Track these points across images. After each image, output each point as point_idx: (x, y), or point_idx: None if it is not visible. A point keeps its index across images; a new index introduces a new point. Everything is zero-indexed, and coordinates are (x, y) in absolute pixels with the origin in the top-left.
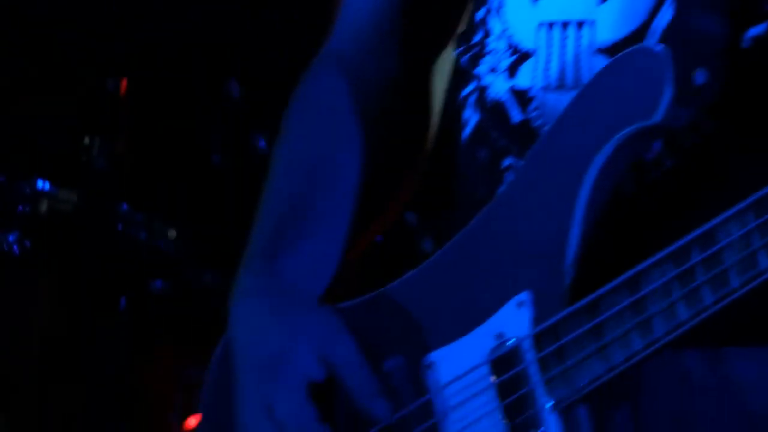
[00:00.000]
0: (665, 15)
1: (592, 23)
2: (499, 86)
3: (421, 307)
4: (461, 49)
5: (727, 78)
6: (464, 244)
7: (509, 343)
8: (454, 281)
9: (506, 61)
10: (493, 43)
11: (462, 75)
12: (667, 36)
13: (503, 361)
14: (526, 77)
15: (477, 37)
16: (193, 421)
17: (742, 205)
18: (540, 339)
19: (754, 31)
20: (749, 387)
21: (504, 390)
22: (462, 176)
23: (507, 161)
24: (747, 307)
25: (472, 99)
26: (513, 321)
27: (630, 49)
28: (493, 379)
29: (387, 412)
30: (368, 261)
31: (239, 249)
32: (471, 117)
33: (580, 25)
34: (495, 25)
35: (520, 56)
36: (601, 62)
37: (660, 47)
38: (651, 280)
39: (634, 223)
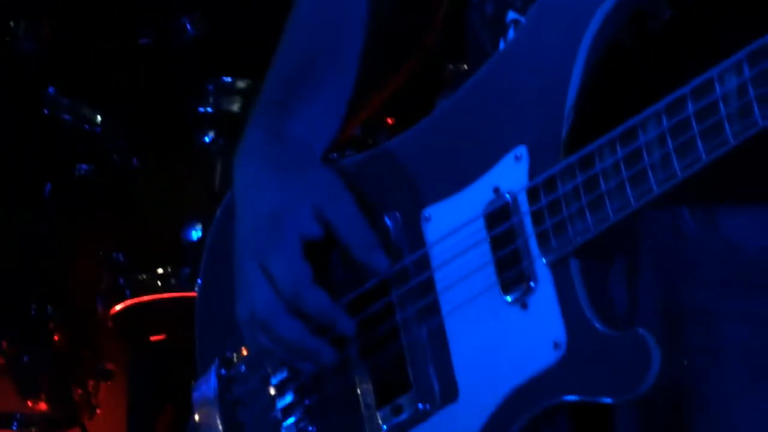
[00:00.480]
0: None
1: None
2: None
3: (419, 162)
4: None
5: None
6: (464, 100)
7: (505, 196)
8: (452, 136)
9: None
10: None
11: None
12: None
13: (497, 215)
14: None
15: None
16: (119, 306)
17: (738, 56)
18: (534, 192)
19: None
20: (741, 242)
21: (497, 243)
22: (472, 32)
23: (510, 15)
24: (739, 164)
25: None
26: (510, 175)
27: None
28: (487, 232)
29: (385, 263)
30: None
31: (165, 132)
32: None
33: None
34: None
35: None
36: None
37: None
38: (647, 132)
39: (631, 76)
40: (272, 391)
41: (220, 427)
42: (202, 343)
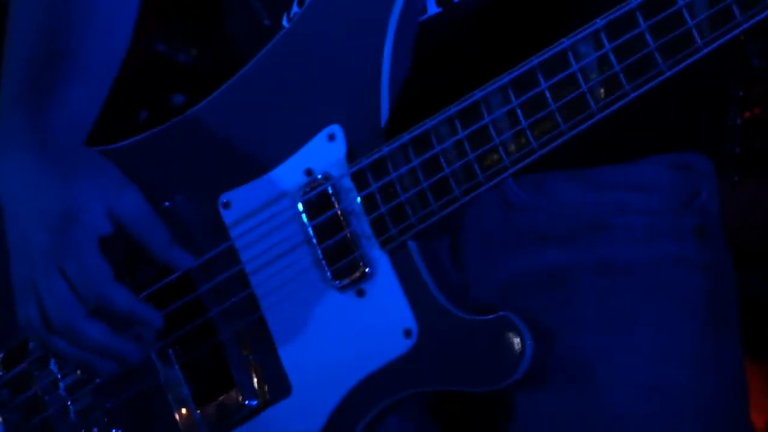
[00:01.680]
0: None
1: None
2: None
3: (213, 141)
4: None
5: None
6: (258, 75)
7: (322, 179)
8: (250, 112)
9: None
10: None
11: None
12: None
13: (318, 201)
14: None
15: None
16: None
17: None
18: (361, 176)
19: None
20: (567, 200)
21: (321, 232)
22: (242, 3)
23: None
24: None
25: None
26: (323, 155)
27: None
28: (307, 221)
29: (187, 260)
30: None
31: None
32: None
33: None
34: None
35: None
36: None
37: None
38: (492, 108)
39: (454, 48)
40: (63, 393)
41: None
42: None
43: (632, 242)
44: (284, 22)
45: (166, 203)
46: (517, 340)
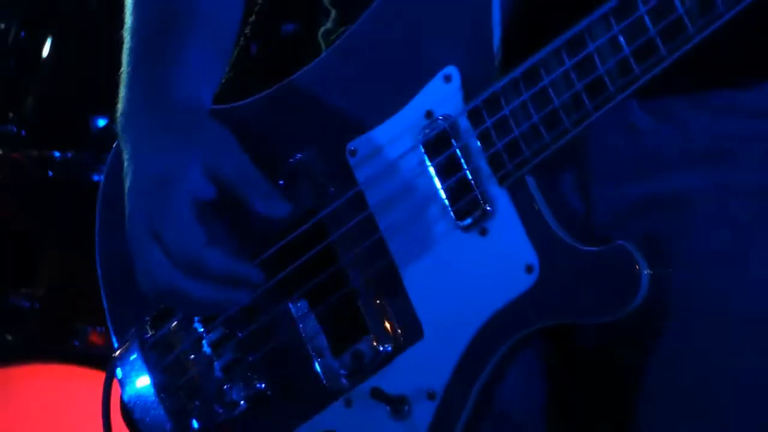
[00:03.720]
0: None
1: None
2: None
3: (333, 94)
4: None
5: None
6: (372, 24)
7: (441, 120)
8: (366, 63)
9: None
10: None
11: None
12: None
13: (437, 141)
14: None
15: None
16: None
17: None
18: (476, 113)
19: None
20: (694, 123)
21: (443, 171)
22: None
23: None
24: (693, 56)
25: None
26: (442, 97)
27: None
28: (428, 160)
29: (285, 209)
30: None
31: None
32: None
33: None
34: None
35: None
36: None
37: None
38: (595, 36)
39: None
40: (208, 351)
41: (157, 396)
42: (113, 311)
43: (751, 169)
44: None
45: (298, 155)
46: (634, 269)
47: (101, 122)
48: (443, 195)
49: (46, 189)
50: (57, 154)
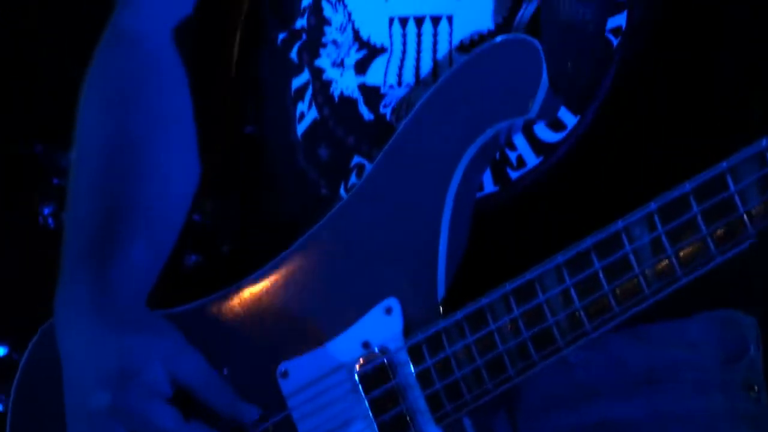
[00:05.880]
0: (529, 9)
1: (450, 18)
2: (346, 82)
3: (271, 309)
4: (285, 35)
5: (596, 69)
6: (316, 245)
7: (378, 353)
8: (307, 282)
9: (354, 57)
10: (334, 34)
11: (290, 65)
12: (533, 28)
13: (375, 374)
14: (378, 74)
15: (303, 23)
16: None
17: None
18: (417, 350)
19: (613, 22)
20: (623, 359)
21: (377, 406)
22: (298, 173)
23: (355, 160)
24: None
25: (309, 93)
26: (380, 329)
27: (497, 40)
28: (364, 394)
29: (252, 411)
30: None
31: None
32: (307, 112)
33: (435, 20)
34: (334, 15)
35: (371, 52)
36: (461, 59)
37: (531, 38)
38: (546, 287)
39: (502, 225)
40: None
41: None
42: None
43: (684, 397)
44: (342, 192)
45: (224, 371)
46: None
47: None
48: (377, 430)
49: None
50: None
